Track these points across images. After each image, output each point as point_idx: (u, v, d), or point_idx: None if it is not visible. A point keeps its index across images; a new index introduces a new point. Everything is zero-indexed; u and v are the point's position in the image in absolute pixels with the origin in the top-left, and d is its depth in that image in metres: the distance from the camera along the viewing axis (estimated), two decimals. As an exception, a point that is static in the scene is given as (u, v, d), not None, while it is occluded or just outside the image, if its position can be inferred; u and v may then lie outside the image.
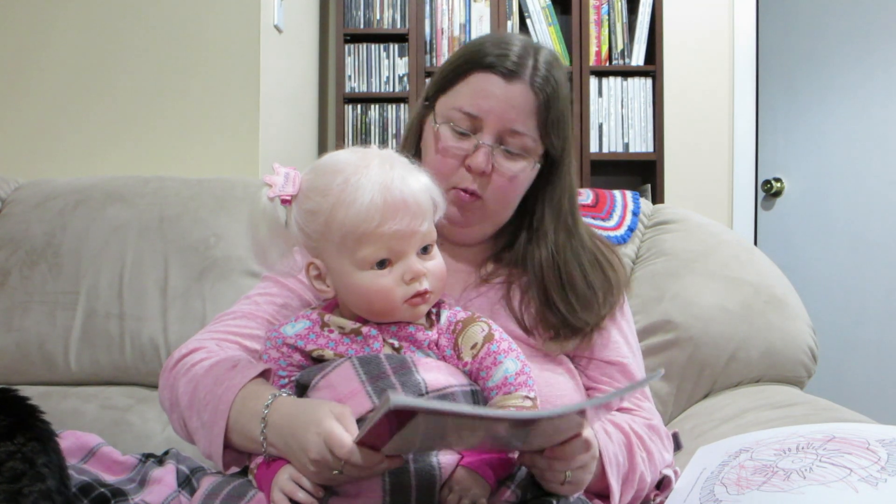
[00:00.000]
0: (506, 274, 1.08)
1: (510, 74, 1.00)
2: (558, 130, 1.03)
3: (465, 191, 1.02)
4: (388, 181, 0.84)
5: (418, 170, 0.89)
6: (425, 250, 0.88)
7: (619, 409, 1.05)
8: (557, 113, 1.03)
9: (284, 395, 0.85)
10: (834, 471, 0.82)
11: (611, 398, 0.83)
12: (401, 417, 0.67)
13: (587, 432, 0.82)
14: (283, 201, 0.87)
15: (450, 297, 1.00)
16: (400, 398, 0.64)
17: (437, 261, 0.89)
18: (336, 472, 0.76)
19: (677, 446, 1.14)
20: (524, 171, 1.03)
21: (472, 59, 1.02)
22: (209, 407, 0.88)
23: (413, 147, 1.09)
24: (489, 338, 0.88)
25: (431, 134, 1.04)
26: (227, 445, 0.88)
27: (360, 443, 0.74)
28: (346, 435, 0.75)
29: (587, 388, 1.07)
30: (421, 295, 0.86)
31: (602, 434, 0.94)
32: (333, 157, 0.89)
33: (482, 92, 1.00)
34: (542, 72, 1.01)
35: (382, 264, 0.85)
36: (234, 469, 0.91)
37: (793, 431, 0.96)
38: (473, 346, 0.88)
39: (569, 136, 1.06)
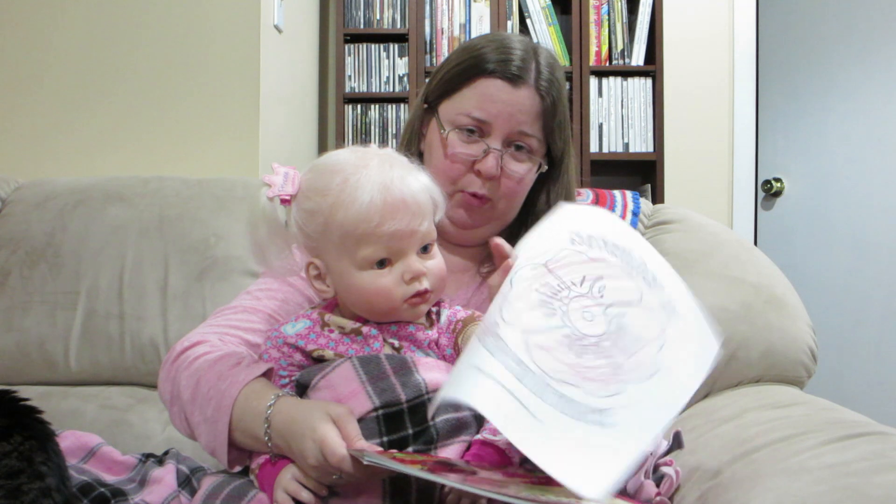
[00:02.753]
0: None
1: (516, 79, 1.02)
2: (561, 131, 1.06)
3: (475, 195, 1.04)
4: (388, 181, 0.84)
5: (418, 169, 0.90)
6: (425, 249, 0.88)
7: None
8: (561, 114, 1.06)
9: (287, 395, 0.85)
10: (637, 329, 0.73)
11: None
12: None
13: None
14: (283, 201, 0.87)
15: (448, 296, 1.01)
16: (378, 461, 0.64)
17: (436, 260, 0.89)
18: (335, 476, 0.77)
19: (679, 445, 1.14)
20: (530, 172, 1.06)
21: (475, 65, 1.04)
22: (212, 402, 0.88)
23: (414, 150, 1.10)
24: (489, 337, 0.88)
25: (438, 139, 1.05)
26: (231, 442, 0.87)
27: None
28: (339, 443, 0.75)
29: None
30: (421, 294, 0.86)
31: None
32: (333, 157, 0.89)
33: (490, 97, 1.02)
34: (546, 74, 1.04)
35: (382, 264, 0.85)
36: (237, 468, 0.90)
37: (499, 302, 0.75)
38: (473, 346, 0.88)
39: (569, 135, 1.09)
